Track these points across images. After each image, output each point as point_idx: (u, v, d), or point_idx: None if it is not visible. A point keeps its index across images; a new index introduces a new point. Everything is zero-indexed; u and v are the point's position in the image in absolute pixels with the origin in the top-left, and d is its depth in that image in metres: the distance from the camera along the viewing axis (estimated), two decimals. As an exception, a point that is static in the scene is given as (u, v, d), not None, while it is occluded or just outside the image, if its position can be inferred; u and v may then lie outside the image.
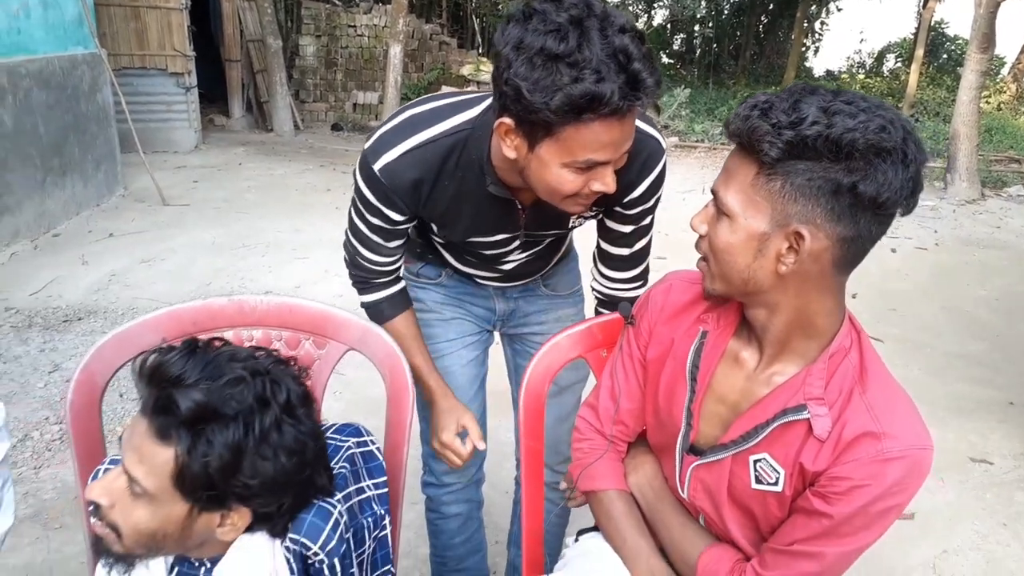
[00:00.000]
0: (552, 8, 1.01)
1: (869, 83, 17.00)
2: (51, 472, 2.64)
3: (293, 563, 1.05)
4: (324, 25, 11.44)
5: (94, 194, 6.02)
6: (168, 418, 0.92)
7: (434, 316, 1.70)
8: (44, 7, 5.39)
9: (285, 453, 0.96)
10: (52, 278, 4.45)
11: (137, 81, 7.92)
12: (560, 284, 1.77)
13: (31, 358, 3.44)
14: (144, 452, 0.94)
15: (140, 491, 0.94)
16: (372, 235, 1.42)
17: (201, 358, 0.96)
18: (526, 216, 1.39)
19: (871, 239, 0.95)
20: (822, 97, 0.90)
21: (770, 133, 0.90)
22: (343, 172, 7.95)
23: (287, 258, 5.06)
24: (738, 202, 0.96)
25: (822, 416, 0.99)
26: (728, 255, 0.99)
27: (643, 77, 1.01)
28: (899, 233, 6.48)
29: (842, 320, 1.04)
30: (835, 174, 0.89)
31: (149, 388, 0.95)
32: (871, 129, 0.87)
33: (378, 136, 1.31)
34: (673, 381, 1.17)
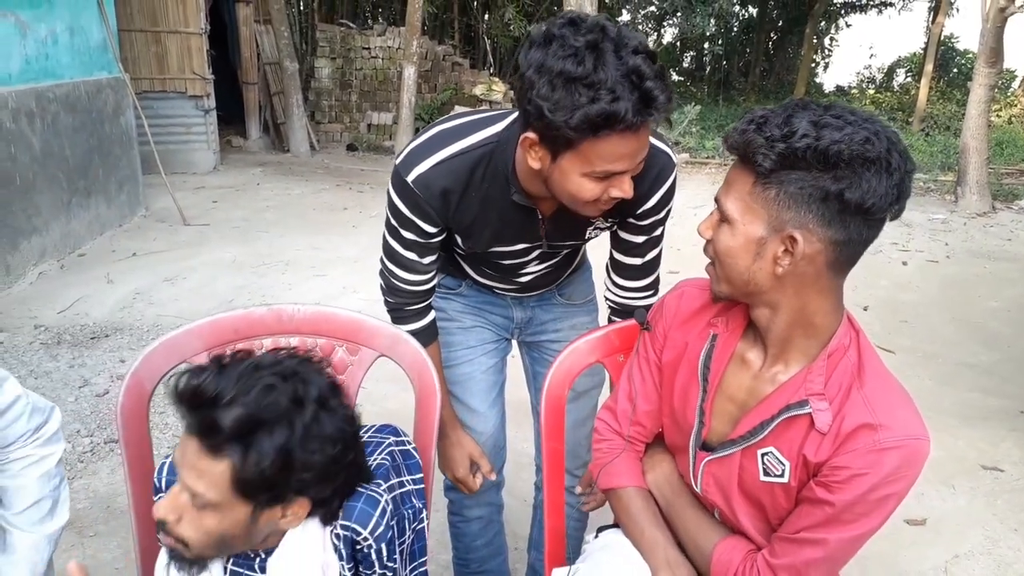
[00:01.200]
0: (570, 32, 1.10)
1: (879, 98, 17.06)
2: (83, 483, 2.72)
3: (343, 549, 1.13)
4: (339, 48, 11.63)
5: (117, 215, 6.17)
6: (216, 437, 0.99)
7: (455, 325, 1.78)
8: (71, 34, 5.56)
9: (329, 443, 1.04)
10: (79, 296, 4.57)
11: (157, 104, 8.10)
12: (575, 293, 1.85)
13: (61, 374, 3.54)
14: (200, 468, 1.00)
15: (204, 503, 1.02)
16: (407, 252, 1.51)
17: (231, 373, 1.02)
18: (546, 226, 1.47)
19: (862, 242, 1.03)
20: (813, 112, 0.99)
21: (764, 146, 0.99)
22: (359, 191, 8.09)
23: (306, 275, 5.16)
24: (737, 209, 1.05)
25: (823, 411, 1.06)
26: (730, 258, 1.08)
27: (655, 95, 1.10)
28: (910, 246, 6.53)
29: (840, 320, 1.11)
30: (824, 183, 0.98)
31: (190, 412, 1.01)
32: (856, 141, 0.96)
33: (409, 150, 1.41)
34: (687, 382, 1.25)
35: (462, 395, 1.77)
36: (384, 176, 8.99)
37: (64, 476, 1.43)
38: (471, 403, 1.77)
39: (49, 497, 1.37)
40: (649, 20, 18.69)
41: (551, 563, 1.54)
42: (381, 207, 6.36)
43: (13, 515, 1.32)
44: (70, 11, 5.55)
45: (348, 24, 12.12)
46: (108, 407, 3.23)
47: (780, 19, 18.96)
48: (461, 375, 1.77)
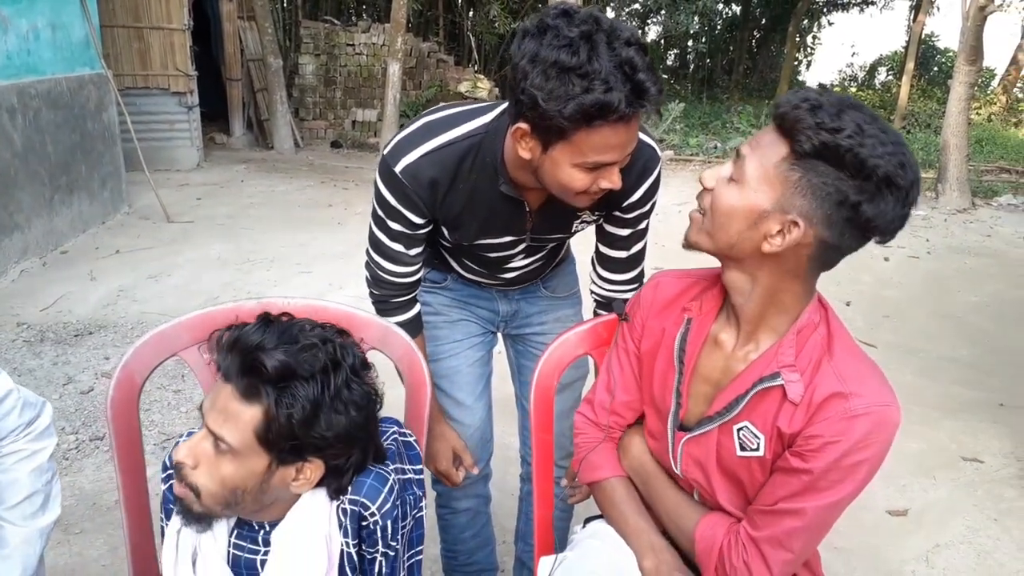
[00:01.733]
0: (564, 23, 1.11)
1: (862, 95, 17.20)
2: (69, 480, 2.71)
3: (348, 524, 1.14)
4: (323, 44, 11.59)
5: (100, 211, 6.12)
6: (255, 377, 1.03)
7: (441, 319, 1.79)
8: (53, 29, 5.51)
9: (355, 408, 1.08)
10: (62, 294, 4.54)
11: (140, 100, 8.04)
12: (559, 286, 1.87)
13: (45, 371, 3.52)
14: (230, 411, 1.04)
15: (226, 448, 1.04)
16: (393, 244, 1.51)
17: (276, 329, 1.08)
18: (533, 219, 1.49)
19: (844, 252, 1.07)
20: (863, 116, 0.99)
21: (812, 128, 0.99)
22: (343, 188, 8.07)
23: (292, 272, 5.15)
24: (756, 175, 1.05)
25: (795, 382, 1.10)
26: (725, 217, 1.09)
27: (647, 86, 1.11)
28: (892, 242, 6.57)
29: (811, 300, 1.15)
30: (847, 188, 0.99)
31: (232, 355, 1.05)
32: (893, 163, 0.98)
33: (397, 141, 1.41)
34: (665, 367, 1.28)
35: (449, 388, 1.78)
36: (369, 173, 8.98)
37: (56, 471, 1.42)
38: (458, 396, 1.78)
39: (41, 492, 1.37)
40: (634, 17, 18.73)
41: (540, 553, 1.56)
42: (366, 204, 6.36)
43: (5, 510, 1.32)
44: (52, 7, 5.50)
45: (332, 21, 12.07)
46: (93, 404, 3.22)
47: (763, 17, 19.09)
48: (448, 368, 1.78)
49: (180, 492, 1.09)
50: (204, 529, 1.13)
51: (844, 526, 1.69)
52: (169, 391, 3.34)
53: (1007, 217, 7.88)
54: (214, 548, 1.16)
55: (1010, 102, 15.53)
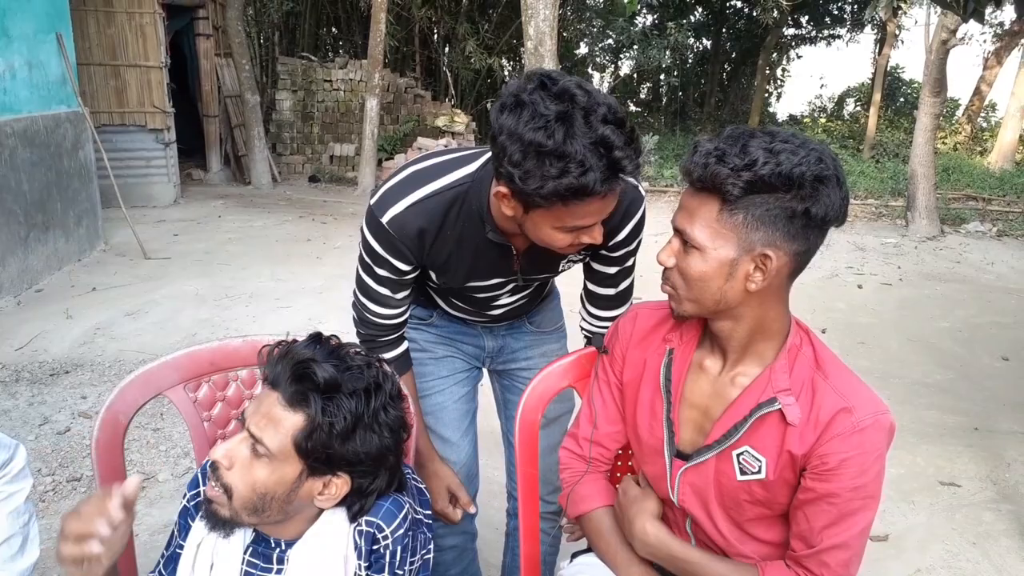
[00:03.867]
0: (540, 99, 1.13)
1: (831, 126, 17.55)
2: (46, 523, 2.66)
3: (363, 546, 1.17)
4: (300, 80, 11.67)
5: (76, 249, 6.08)
6: (305, 385, 1.08)
7: (427, 355, 1.80)
8: (29, 68, 5.51)
9: (388, 430, 1.13)
10: (37, 332, 4.49)
11: (116, 137, 8.04)
12: (544, 321, 1.89)
13: (20, 411, 3.47)
14: (273, 417, 1.08)
15: (263, 451, 1.08)
16: (380, 288, 1.53)
17: (325, 347, 1.14)
18: (521, 262, 1.51)
19: (815, 250, 1.13)
20: (762, 139, 1.07)
21: (731, 176, 1.05)
22: (322, 223, 8.08)
23: (270, 307, 5.13)
24: (707, 236, 1.11)
25: (791, 405, 1.14)
26: (702, 282, 1.14)
27: (623, 164, 1.14)
28: (865, 270, 6.71)
29: (790, 321, 1.20)
30: (789, 202, 1.06)
31: (283, 364, 1.10)
32: (812, 162, 1.04)
33: (384, 191, 1.43)
34: (651, 397, 1.30)
35: (435, 425, 1.78)
36: (347, 207, 9.02)
37: (33, 513, 1.41)
38: (444, 433, 1.79)
39: (19, 534, 1.36)
40: (607, 53, 19.03)
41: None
42: (344, 238, 6.36)
43: None
44: (28, 46, 5.51)
45: (309, 57, 12.16)
46: (70, 445, 3.17)
47: (733, 51, 19.45)
48: (433, 405, 1.78)
49: (212, 494, 1.12)
50: (227, 535, 1.15)
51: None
52: (148, 430, 3.30)
53: (975, 244, 8.05)
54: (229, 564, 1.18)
55: (974, 131, 15.91)
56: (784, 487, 1.17)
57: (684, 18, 17.37)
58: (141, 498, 2.80)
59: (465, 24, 13.97)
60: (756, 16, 15.25)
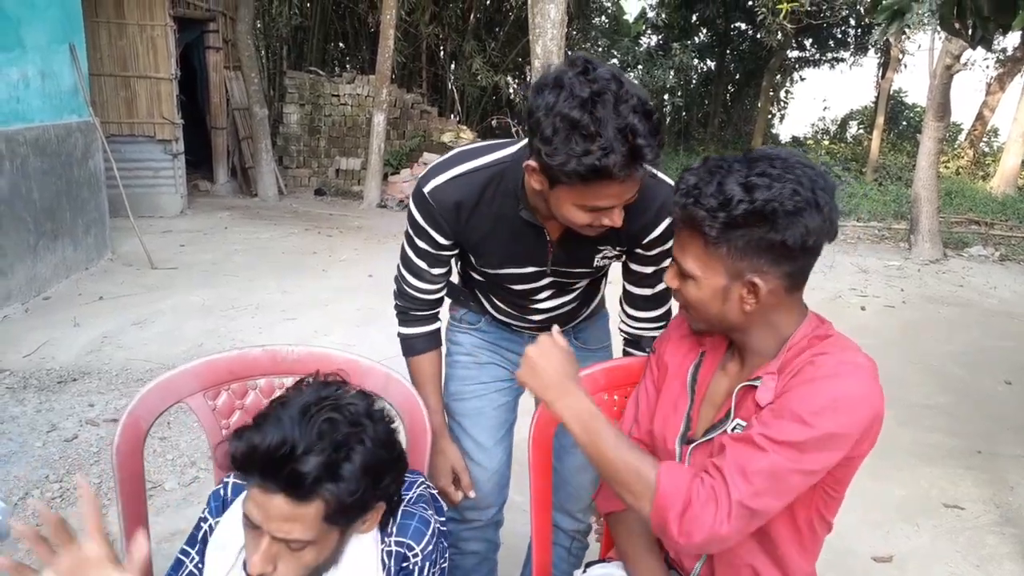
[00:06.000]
0: (579, 81, 1.20)
1: (834, 148, 17.64)
2: (53, 529, 2.67)
3: (392, 566, 1.19)
4: (308, 94, 11.76)
5: (83, 258, 6.11)
6: (302, 487, 1.03)
7: (471, 359, 1.85)
8: (42, 78, 5.57)
9: (390, 443, 1.14)
10: (45, 340, 4.51)
11: (125, 148, 8.09)
12: (591, 338, 1.91)
13: (28, 418, 3.48)
14: (291, 516, 1.04)
15: (300, 546, 1.06)
16: (418, 260, 1.62)
17: (285, 423, 1.05)
18: (554, 250, 1.56)
19: (811, 264, 1.16)
20: (739, 173, 1.10)
21: (707, 218, 1.10)
22: (327, 236, 8.11)
23: (276, 319, 5.16)
24: (697, 267, 1.17)
25: (769, 388, 1.16)
26: (700, 306, 1.21)
27: (644, 152, 1.20)
28: (868, 292, 6.73)
29: (802, 319, 1.21)
30: (766, 235, 1.09)
31: (266, 474, 1.04)
32: (785, 195, 1.07)
33: (431, 166, 1.55)
34: (677, 394, 1.34)
35: (471, 428, 1.81)
36: (352, 220, 9.07)
37: None
38: (479, 437, 1.81)
39: None
40: (612, 71, 19.16)
41: (539, 598, 1.57)
42: (350, 251, 6.42)
43: None
44: (42, 56, 5.57)
45: (317, 71, 12.26)
46: (77, 452, 3.19)
47: (737, 72, 19.59)
48: (472, 409, 1.82)
49: None
50: None
51: (830, 573, 1.72)
52: (155, 438, 3.31)
53: (977, 268, 8.07)
54: None
55: (976, 156, 15.99)
56: None
57: (689, 39, 17.50)
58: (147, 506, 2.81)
59: (472, 42, 14.09)
60: (760, 38, 15.36)
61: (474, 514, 1.87)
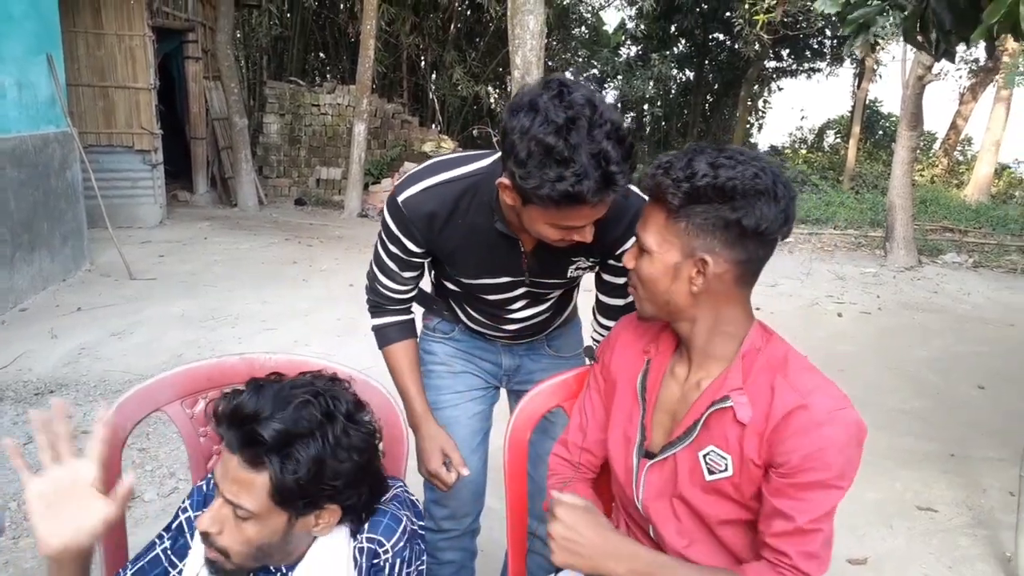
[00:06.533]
0: (553, 106, 1.21)
1: (811, 157, 17.83)
2: (30, 541, 2.66)
3: (364, 563, 1.20)
4: (288, 104, 11.74)
5: (61, 269, 6.06)
6: (256, 449, 1.07)
7: (444, 368, 1.86)
8: (19, 88, 5.53)
9: (356, 452, 1.14)
10: (21, 352, 4.47)
11: (104, 158, 8.05)
12: (564, 346, 1.94)
13: (4, 430, 3.45)
14: (242, 480, 1.09)
15: (245, 514, 1.09)
16: (389, 262, 1.63)
17: (267, 393, 1.11)
18: (528, 261, 1.57)
19: (761, 260, 1.20)
20: (710, 155, 1.15)
21: (672, 186, 1.15)
22: (308, 245, 8.10)
23: (256, 329, 5.14)
24: (655, 241, 1.21)
25: (743, 404, 1.19)
26: (651, 282, 1.24)
27: (617, 178, 1.22)
28: (845, 298, 6.82)
29: (751, 326, 1.25)
30: (724, 213, 1.14)
31: (231, 429, 1.10)
32: (747, 176, 1.12)
33: (406, 176, 1.55)
34: (629, 404, 1.37)
35: None
36: (333, 230, 9.06)
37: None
38: None
39: None
40: (591, 82, 19.31)
41: (515, 603, 1.59)
42: (330, 261, 6.42)
43: None
44: (19, 66, 5.54)
45: (297, 82, 12.25)
46: (54, 464, 3.16)
47: (716, 82, 19.79)
48: (446, 418, 1.82)
49: (212, 556, 1.13)
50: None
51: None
52: (134, 449, 3.30)
53: (951, 274, 8.20)
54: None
55: (951, 164, 16.24)
56: (751, 484, 1.21)
57: (668, 49, 17.68)
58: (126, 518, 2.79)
59: (452, 52, 14.15)
60: (738, 49, 15.55)
61: (450, 523, 1.89)
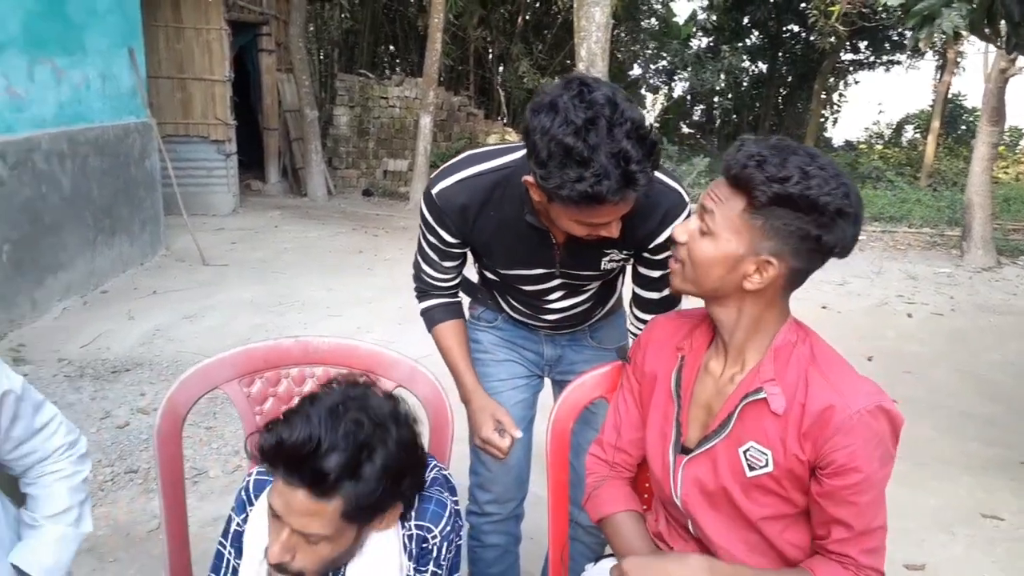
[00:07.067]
0: (573, 106, 1.22)
1: (887, 153, 17.26)
2: (104, 511, 2.81)
3: (413, 548, 1.25)
4: (358, 96, 11.97)
5: (139, 253, 6.35)
6: (325, 484, 1.07)
7: (489, 356, 1.89)
8: (103, 80, 5.80)
9: (413, 447, 1.18)
10: (101, 332, 4.71)
11: (181, 148, 8.36)
12: (607, 338, 1.94)
13: (83, 405, 3.65)
14: (311, 511, 1.09)
15: (318, 539, 1.11)
16: (430, 251, 1.69)
17: (312, 421, 1.09)
18: (560, 253, 1.59)
19: (810, 272, 1.20)
20: (802, 158, 1.13)
21: (764, 183, 1.12)
22: (374, 235, 8.26)
23: (321, 316, 5.29)
24: (724, 226, 1.18)
25: (776, 394, 1.19)
26: (705, 267, 1.21)
27: (637, 177, 1.23)
28: (916, 299, 6.61)
29: (785, 319, 1.25)
30: (807, 225, 1.12)
31: (289, 470, 1.08)
32: (839, 195, 1.11)
33: (442, 168, 1.60)
34: (664, 402, 1.37)
35: None
36: (398, 221, 9.21)
37: (88, 494, 1.52)
38: None
39: (76, 508, 1.47)
40: (660, 74, 19.08)
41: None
42: (395, 251, 6.52)
43: (43, 516, 1.42)
44: (103, 59, 5.81)
45: (367, 75, 12.47)
46: (128, 439, 3.33)
47: (789, 75, 19.33)
48: None
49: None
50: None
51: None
52: (201, 428, 3.45)
53: (1033, 276, 7.85)
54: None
55: (1037, 161, 15.52)
56: (793, 479, 1.21)
57: (740, 41, 17.33)
58: (192, 492, 2.93)
59: (519, 44, 14.18)
60: (813, 41, 15.14)
61: (494, 507, 1.92)
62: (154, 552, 2.55)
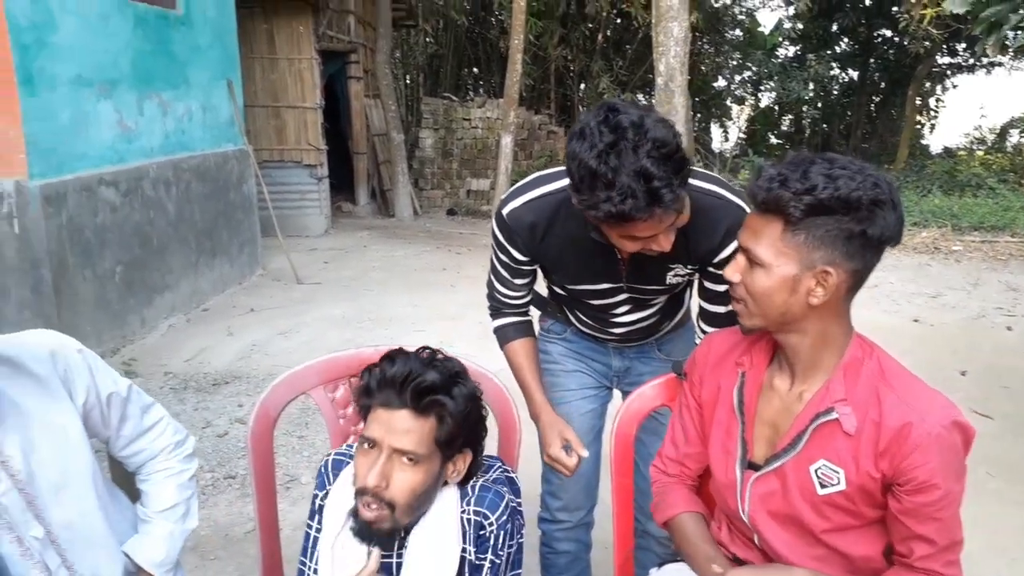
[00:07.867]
0: (598, 131, 1.29)
1: (990, 159, 16.45)
2: (205, 512, 3.00)
3: (471, 533, 1.36)
4: (442, 119, 12.30)
5: (237, 274, 6.71)
6: (425, 398, 1.26)
7: (558, 367, 1.97)
8: (204, 111, 6.20)
9: (480, 400, 1.37)
10: (203, 347, 5.02)
11: (275, 173, 8.80)
12: (675, 351, 1.98)
13: (187, 416, 3.91)
14: (411, 428, 1.26)
15: (415, 458, 1.26)
16: (502, 270, 1.78)
17: (406, 360, 1.31)
18: (626, 268, 1.65)
19: (870, 269, 1.21)
20: (822, 166, 1.16)
21: (793, 199, 1.15)
22: (457, 253, 8.46)
23: (407, 331, 5.47)
24: (770, 254, 1.21)
25: (847, 414, 1.21)
26: (767, 297, 1.23)
27: (662, 193, 1.28)
28: (1016, 311, 6.30)
29: (851, 338, 1.27)
30: (847, 224, 1.15)
31: (394, 391, 1.27)
32: (868, 187, 1.14)
33: (511, 190, 1.69)
34: (727, 419, 1.40)
35: None
36: (481, 239, 9.40)
37: (195, 491, 1.64)
38: None
39: (183, 504, 1.59)
40: (746, 85, 18.79)
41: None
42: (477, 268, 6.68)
43: (152, 512, 1.55)
44: (204, 91, 6.21)
45: (450, 97, 12.80)
46: (227, 447, 3.55)
47: (882, 81, 18.69)
48: (561, 415, 1.89)
49: (374, 515, 1.27)
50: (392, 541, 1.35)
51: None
52: (294, 437, 3.64)
53: None
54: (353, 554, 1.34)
55: None
56: (865, 496, 1.23)
57: (828, 49, 16.89)
58: (285, 497, 3.10)
59: (600, 61, 14.24)
60: (906, 45, 14.64)
61: (564, 515, 1.99)
62: (251, 552, 2.72)
